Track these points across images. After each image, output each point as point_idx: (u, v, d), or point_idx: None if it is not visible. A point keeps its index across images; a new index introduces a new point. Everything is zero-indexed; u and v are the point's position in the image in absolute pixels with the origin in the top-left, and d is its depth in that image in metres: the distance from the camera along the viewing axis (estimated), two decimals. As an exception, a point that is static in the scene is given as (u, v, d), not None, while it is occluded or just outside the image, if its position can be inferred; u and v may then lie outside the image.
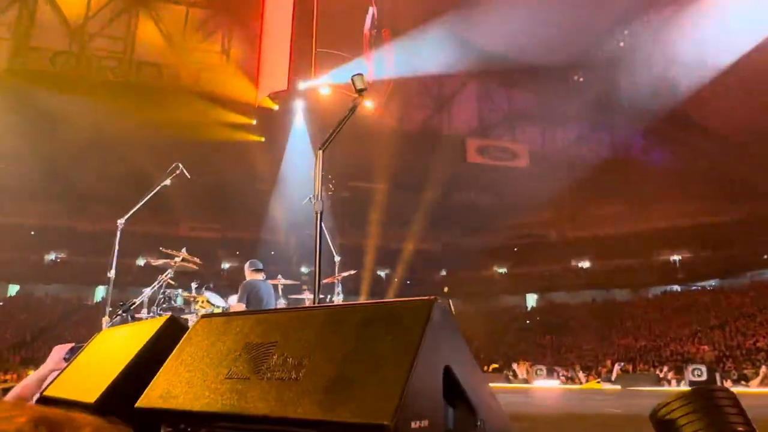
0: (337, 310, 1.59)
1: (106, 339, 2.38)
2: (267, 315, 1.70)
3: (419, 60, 25.29)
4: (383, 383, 1.30)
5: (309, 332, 1.53)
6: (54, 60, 26.30)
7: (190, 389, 1.55)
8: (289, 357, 1.49)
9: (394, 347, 1.37)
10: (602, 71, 27.66)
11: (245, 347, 1.60)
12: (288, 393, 1.39)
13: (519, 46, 24.74)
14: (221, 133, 26.25)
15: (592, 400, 7.99)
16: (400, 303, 1.52)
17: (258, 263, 7.05)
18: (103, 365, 1.97)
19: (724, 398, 1.46)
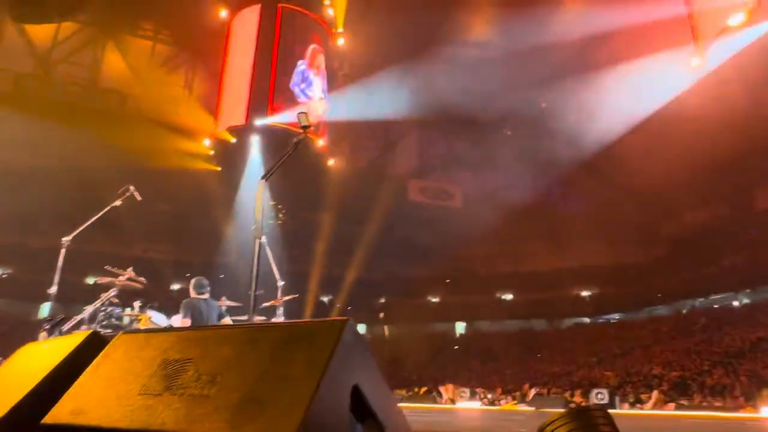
0: (255, 329, 1.53)
1: (27, 353, 2.19)
2: (188, 332, 1.62)
3: (369, 105, 25.74)
4: (291, 401, 1.25)
5: (226, 350, 1.46)
6: (18, 81, 25.01)
7: (102, 405, 1.44)
8: (203, 374, 1.41)
9: (305, 366, 1.33)
10: (527, 126, 29.06)
11: (162, 363, 1.51)
12: (198, 409, 1.31)
13: (458, 100, 25.69)
14: (180, 161, 25.54)
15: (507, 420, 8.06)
16: (314, 323, 1.48)
17: (203, 281, 6.77)
18: (18, 380, 1.80)
19: (600, 417, 1.53)
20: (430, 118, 28.81)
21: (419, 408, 15.63)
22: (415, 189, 33.07)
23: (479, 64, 25.11)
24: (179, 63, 28.40)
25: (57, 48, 25.92)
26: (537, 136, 28.94)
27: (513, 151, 30.25)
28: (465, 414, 10.62)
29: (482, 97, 26.00)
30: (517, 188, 32.98)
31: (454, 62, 25.14)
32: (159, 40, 27.72)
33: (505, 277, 33.59)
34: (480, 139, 32.06)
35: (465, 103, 25.95)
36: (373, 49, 26.25)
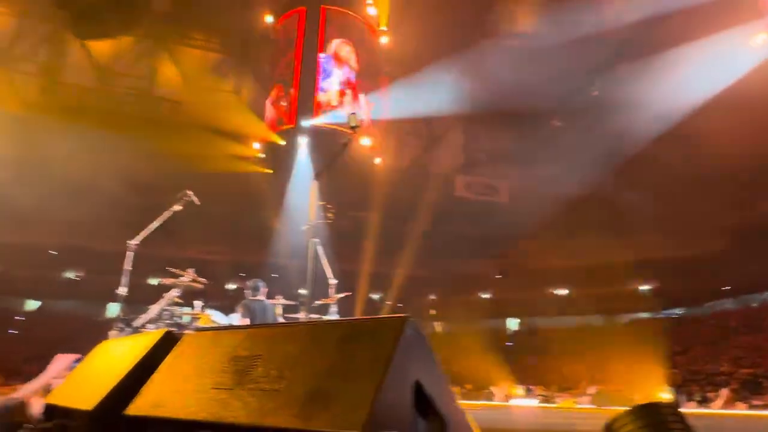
0: (318, 327, 1.58)
1: (105, 350, 2.35)
2: (255, 330, 1.69)
3: (412, 102, 25.70)
4: (356, 395, 1.29)
5: (292, 347, 1.52)
6: (81, 94, 26.58)
7: (177, 398, 1.53)
8: (271, 369, 1.47)
9: (368, 362, 1.37)
10: (578, 117, 28.14)
11: (232, 360, 1.59)
12: (268, 403, 1.38)
13: (503, 93, 25.22)
14: (232, 165, 26.39)
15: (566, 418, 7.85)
16: (376, 320, 1.51)
17: (258, 282, 6.96)
18: (102, 375, 1.94)
19: (670, 413, 1.47)
20: (474, 112, 28.41)
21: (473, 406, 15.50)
22: (460, 185, 32.74)
23: (525, 55, 24.55)
24: (228, 69, 29.34)
25: (116, 61, 27.35)
26: (588, 126, 27.98)
27: (563, 143, 29.45)
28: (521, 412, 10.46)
29: (528, 89, 25.39)
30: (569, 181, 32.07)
31: (499, 54, 24.68)
32: (209, 48, 28.73)
33: (558, 271, 32.70)
34: (527, 132, 31.32)
35: (510, 95, 25.43)
36: (416, 46, 26.19)
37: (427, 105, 26.00)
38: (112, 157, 24.03)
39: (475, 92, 25.80)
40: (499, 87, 24.87)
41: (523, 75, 24.47)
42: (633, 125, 24.47)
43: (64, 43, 26.18)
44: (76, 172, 23.44)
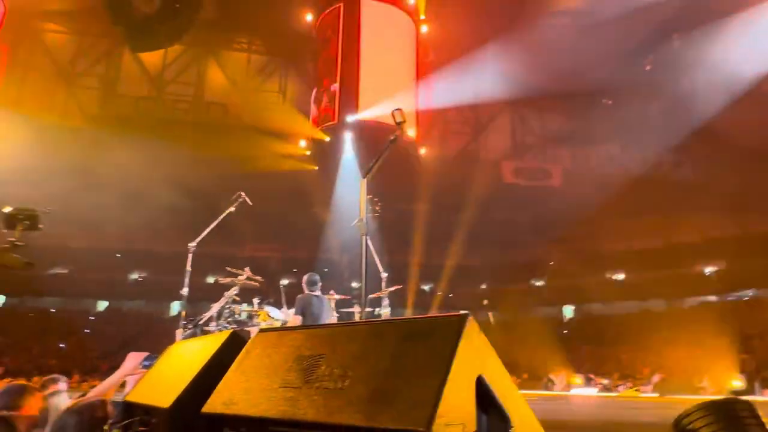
0: (378, 326, 1.62)
1: (177, 351, 2.49)
2: (317, 330, 1.76)
3: (457, 90, 25.36)
4: (419, 393, 1.32)
5: (353, 346, 1.56)
6: (137, 104, 27.89)
7: (249, 397, 1.61)
8: (335, 368, 1.53)
9: (429, 360, 1.39)
10: (630, 94, 26.93)
11: (296, 359, 1.65)
12: (334, 401, 1.43)
13: (550, 74, 24.49)
14: (280, 164, 26.97)
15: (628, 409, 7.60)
16: (435, 318, 1.54)
17: (315, 277, 7.09)
18: (176, 374, 2.06)
19: (744, 410, 1.39)
20: (522, 95, 27.70)
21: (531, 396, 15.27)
22: (509, 171, 32.06)
23: (571, 33, 23.68)
24: (273, 70, 29.99)
25: (166, 70, 28.53)
26: (642, 103, 26.77)
27: (615, 122, 28.28)
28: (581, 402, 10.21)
29: (576, 68, 24.50)
30: (623, 160, 30.88)
31: (544, 35, 23.92)
32: (253, 50, 29.48)
33: (615, 255, 31.57)
34: (577, 113, 30.30)
35: (559, 75, 24.66)
36: (457, 33, 25.78)
37: (473, 91, 25.60)
38: (167, 163, 25.11)
39: (522, 74, 25.18)
40: (546, 67, 24.19)
41: (572, 53, 23.64)
42: (692, 97, 23.18)
43: (119, 57, 27.53)
44: (135, 179, 24.64)
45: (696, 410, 1.45)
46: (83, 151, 23.89)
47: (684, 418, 1.47)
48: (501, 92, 26.59)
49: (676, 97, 23.57)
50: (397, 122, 3.82)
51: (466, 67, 24.24)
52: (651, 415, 5.90)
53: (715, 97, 22.21)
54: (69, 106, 26.94)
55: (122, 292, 31.17)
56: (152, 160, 24.77)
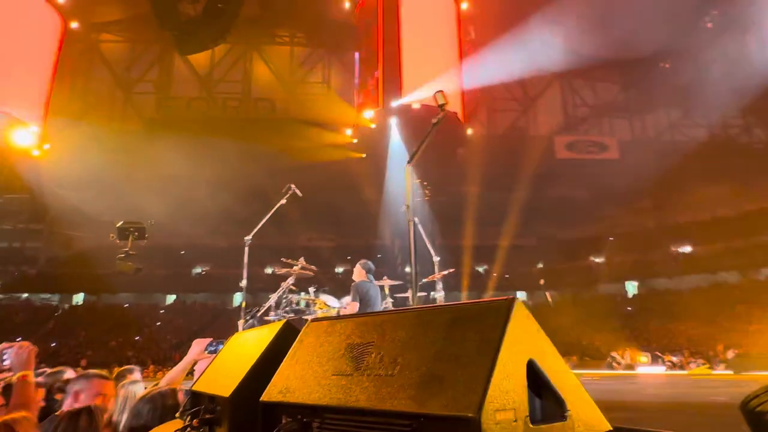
0: (426, 312, 1.62)
1: (237, 341, 2.60)
2: (365, 318, 1.78)
3: (503, 66, 24.70)
4: (469, 378, 1.31)
5: (402, 332, 1.57)
6: (189, 105, 28.96)
7: (303, 385, 1.66)
8: (385, 355, 1.54)
9: (478, 345, 1.38)
10: (691, 55, 25.29)
11: (347, 347, 1.68)
12: (385, 388, 1.44)
13: (601, 41, 23.37)
14: (328, 154, 27.31)
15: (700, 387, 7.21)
16: (482, 303, 1.52)
17: (370, 264, 7.13)
18: (235, 365, 2.16)
19: None
20: (571, 67, 26.61)
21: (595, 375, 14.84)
22: (562, 146, 31.00)
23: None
24: (315, 60, 30.29)
25: (214, 69, 29.42)
26: (704, 64, 25.08)
27: (675, 87, 26.69)
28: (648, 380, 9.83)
29: (628, 33, 23.21)
30: (686, 127, 29.20)
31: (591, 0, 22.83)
32: (295, 43, 29.87)
33: (681, 227, 30.01)
34: (632, 80, 28.84)
35: (608, 43, 23.45)
36: (499, 8, 25.03)
37: (520, 65, 24.84)
38: (220, 159, 25.99)
39: (572, 44, 24.19)
40: (597, 34, 23.05)
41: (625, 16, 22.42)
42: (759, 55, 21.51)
43: (170, 61, 28.64)
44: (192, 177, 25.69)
45: (765, 391, 1.34)
46: (143, 153, 25.08)
47: (752, 400, 1.37)
48: (549, 64, 25.68)
49: (741, 56, 21.91)
50: (440, 105, 3.76)
51: (511, 42, 23.52)
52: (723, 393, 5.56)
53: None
54: (127, 112, 28.35)
55: (188, 285, 32.73)
56: (206, 158, 25.73)
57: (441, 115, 3.84)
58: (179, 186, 26.01)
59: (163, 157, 25.06)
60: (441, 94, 3.80)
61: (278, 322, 2.30)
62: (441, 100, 3.77)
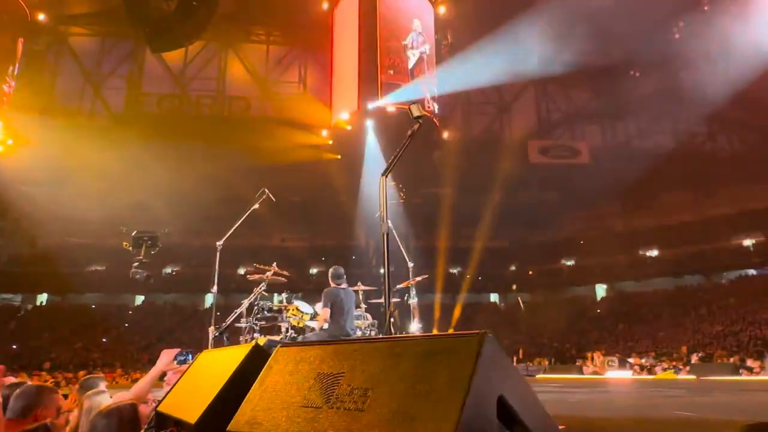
0: (397, 344, 1.60)
1: (205, 360, 2.54)
2: (336, 346, 1.75)
3: (477, 71, 24.90)
4: (440, 414, 1.31)
5: (373, 364, 1.55)
6: (161, 102, 28.34)
7: (271, 416, 1.62)
8: (354, 388, 1.52)
9: (449, 381, 1.37)
10: (659, 65, 26.01)
11: (317, 377, 1.65)
12: (355, 424, 1.42)
13: (573, 49, 23.79)
14: (303, 154, 27.11)
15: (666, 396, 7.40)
16: (454, 337, 1.51)
17: (340, 270, 7.06)
18: (202, 387, 2.11)
19: None
20: (546, 73, 27.03)
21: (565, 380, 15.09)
22: (535, 150, 31.48)
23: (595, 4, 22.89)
24: (292, 60, 30.02)
25: (188, 66, 28.87)
26: (672, 73, 25.80)
27: (644, 95, 27.42)
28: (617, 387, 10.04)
29: (600, 41, 23.72)
30: (654, 134, 30.01)
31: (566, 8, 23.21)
32: (271, 42, 29.52)
33: (647, 232, 30.84)
34: (604, 87, 29.48)
35: (582, 51, 23.90)
36: (475, 13, 25.27)
37: (495, 71, 25.08)
38: (193, 158, 25.55)
39: (546, 50, 24.53)
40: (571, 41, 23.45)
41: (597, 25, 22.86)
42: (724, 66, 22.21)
43: (142, 57, 27.96)
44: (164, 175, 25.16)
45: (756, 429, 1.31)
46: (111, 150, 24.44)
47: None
48: (525, 70, 26.00)
49: (705, 67, 22.62)
50: (415, 116, 3.74)
51: (487, 47, 23.74)
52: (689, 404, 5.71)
53: (749, 64, 21.25)
54: (96, 108, 27.60)
55: (157, 285, 32.01)
56: (178, 155, 25.23)
57: (416, 126, 3.82)
58: (150, 183, 25.46)
59: (133, 154, 24.48)
60: (417, 106, 3.79)
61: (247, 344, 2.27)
62: (417, 112, 3.75)
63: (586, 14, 22.68)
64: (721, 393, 7.88)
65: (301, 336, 6.79)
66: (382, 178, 3.80)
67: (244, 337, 6.69)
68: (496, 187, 27.69)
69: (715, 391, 8.23)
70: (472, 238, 29.76)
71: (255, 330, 6.67)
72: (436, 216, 28.12)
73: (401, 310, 8.57)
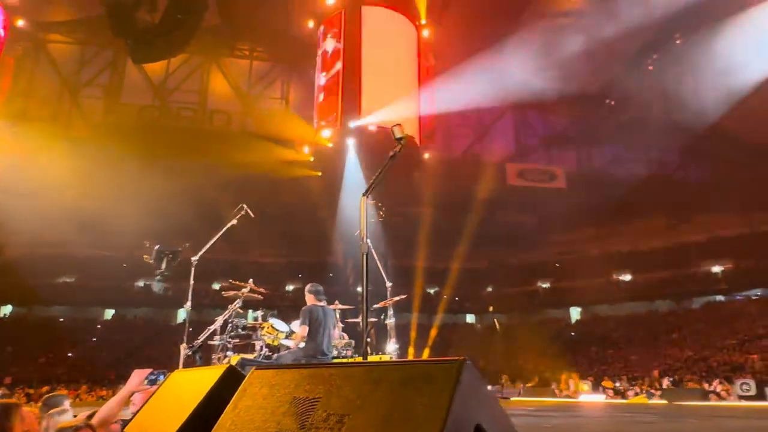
0: (375, 369, 1.58)
1: (176, 381, 2.46)
2: (312, 370, 1.72)
3: (459, 94, 25.30)
4: (418, 444, 1.28)
5: (350, 389, 1.53)
6: (141, 113, 28.01)
7: (245, 443, 1.57)
8: (331, 413, 1.49)
9: (427, 408, 1.36)
10: (633, 94, 26.84)
11: (293, 401, 1.62)
12: (330, 451, 1.39)
13: (552, 76, 24.41)
14: (283, 170, 27.01)
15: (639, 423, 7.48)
16: (432, 363, 1.50)
17: (319, 287, 6.95)
18: (172, 410, 2.04)
19: None
20: (525, 98, 27.61)
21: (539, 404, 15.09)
22: (513, 173, 31.97)
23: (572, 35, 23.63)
24: (275, 76, 30.07)
25: (169, 78, 28.65)
26: (646, 103, 26.67)
27: (618, 123, 28.22)
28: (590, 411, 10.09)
29: (579, 69, 24.44)
30: (628, 161, 30.76)
31: (547, 36, 23.88)
32: (255, 57, 29.55)
33: (621, 256, 31.43)
34: (580, 114, 30.25)
35: (560, 78, 24.55)
36: (459, 37, 25.77)
37: (476, 94, 25.51)
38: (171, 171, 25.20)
39: (526, 76, 25.08)
40: (550, 69, 24.08)
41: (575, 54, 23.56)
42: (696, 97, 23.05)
43: (123, 66, 27.69)
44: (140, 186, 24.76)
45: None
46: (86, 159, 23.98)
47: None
48: (505, 94, 26.50)
49: (679, 98, 23.44)
50: (397, 138, 3.77)
51: (469, 70, 24.19)
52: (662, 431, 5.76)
53: (720, 97, 22.08)
54: (73, 116, 27.11)
55: (129, 299, 31.23)
56: (155, 167, 24.87)
57: (398, 148, 3.84)
58: (125, 194, 24.98)
59: (109, 165, 24.07)
60: (399, 127, 3.82)
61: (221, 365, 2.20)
62: (398, 133, 3.78)
63: (564, 44, 23.38)
64: (693, 418, 8.00)
65: (276, 354, 6.65)
66: (363, 197, 3.80)
67: (217, 355, 6.53)
68: (475, 209, 27.93)
69: (686, 416, 8.35)
70: (450, 259, 29.88)
71: (228, 348, 6.52)
72: (415, 235, 28.19)
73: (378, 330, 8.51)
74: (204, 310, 23.74)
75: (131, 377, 3.33)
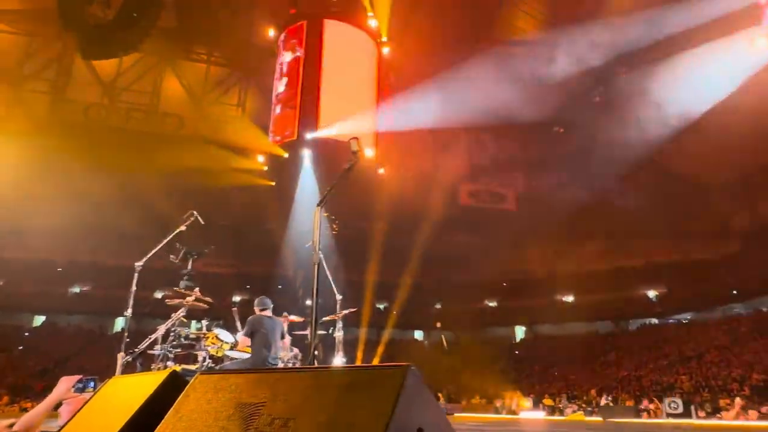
0: (321, 374, 1.60)
1: (114, 387, 2.38)
2: (258, 375, 1.72)
3: (416, 113, 25.75)
4: (361, 447, 1.31)
5: (295, 394, 1.54)
6: (87, 111, 26.84)
7: (186, 447, 1.55)
8: (275, 418, 1.49)
9: (371, 412, 1.39)
10: (580, 124, 28.19)
11: (237, 406, 1.61)
12: (274, 454, 1.39)
13: (505, 101, 25.28)
14: (236, 178, 26.53)
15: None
16: (377, 369, 1.53)
17: (266, 300, 6.88)
18: (108, 417, 1.97)
19: None
20: (478, 121, 28.43)
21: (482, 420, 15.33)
22: (465, 194, 32.71)
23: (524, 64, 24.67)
24: (232, 83, 29.61)
25: (120, 77, 27.66)
26: (591, 132, 28.03)
27: (566, 149, 29.49)
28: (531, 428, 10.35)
29: (530, 98, 25.45)
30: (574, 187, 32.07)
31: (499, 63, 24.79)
32: (212, 62, 29.04)
33: (564, 278, 32.55)
34: (531, 139, 31.41)
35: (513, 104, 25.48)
36: (418, 57, 26.32)
37: (432, 114, 26.07)
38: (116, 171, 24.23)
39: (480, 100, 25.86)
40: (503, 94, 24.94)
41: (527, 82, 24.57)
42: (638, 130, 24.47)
43: (71, 61, 26.53)
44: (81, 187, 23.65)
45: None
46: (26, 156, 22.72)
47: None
48: (460, 116, 27.20)
49: (622, 129, 24.82)
50: (353, 151, 3.83)
51: (427, 90, 24.71)
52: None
53: (657, 131, 23.53)
54: (14, 111, 25.65)
55: (62, 305, 29.52)
56: (100, 167, 23.83)
57: (354, 161, 3.90)
58: (65, 195, 23.79)
59: (50, 163, 22.89)
60: (356, 141, 3.87)
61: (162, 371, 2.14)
62: (355, 147, 3.84)
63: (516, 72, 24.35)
64: None
65: (219, 366, 6.48)
66: (317, 208, 3.82)
67: (157, 365, 6.28)
68: (427, 226, 28.31)
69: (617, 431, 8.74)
70: (400, 275, 30.05)
71: (169, 358, 6.28)
72: (366, 250, 28.23)
73: (326, 343, 8.44)
74: (143, 319, 22.74)
75: (59, 384, 3.17)
